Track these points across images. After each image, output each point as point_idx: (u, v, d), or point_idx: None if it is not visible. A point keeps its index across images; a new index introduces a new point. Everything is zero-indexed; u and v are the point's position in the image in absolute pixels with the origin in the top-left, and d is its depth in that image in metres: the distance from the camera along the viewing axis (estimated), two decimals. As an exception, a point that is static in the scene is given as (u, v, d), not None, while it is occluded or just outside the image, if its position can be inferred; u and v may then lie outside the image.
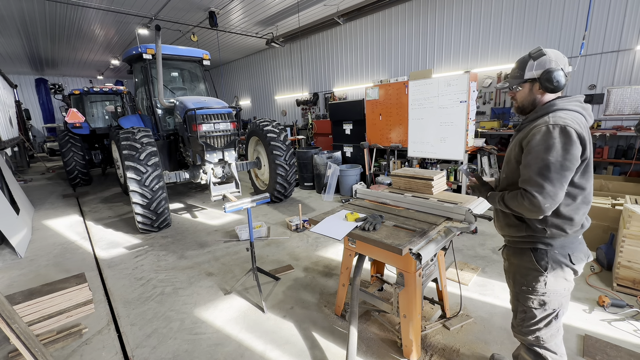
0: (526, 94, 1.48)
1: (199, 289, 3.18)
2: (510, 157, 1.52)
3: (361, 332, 2.43)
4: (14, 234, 4.28)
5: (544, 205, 1.29)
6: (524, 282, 1.52)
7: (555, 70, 1.37)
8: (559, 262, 1.44)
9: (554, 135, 1.28)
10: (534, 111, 1.46)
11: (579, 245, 1.47)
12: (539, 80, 1.41)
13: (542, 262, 1.45)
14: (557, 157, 1.28)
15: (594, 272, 3.10)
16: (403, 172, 2.78)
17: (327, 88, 10.45)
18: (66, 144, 7.55)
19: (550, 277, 1.44)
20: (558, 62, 1.40)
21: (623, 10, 5.12)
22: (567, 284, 1.47)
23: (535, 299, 1.50)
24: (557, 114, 1.35)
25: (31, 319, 2.63)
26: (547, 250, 1.45)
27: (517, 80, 1.48)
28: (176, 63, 6.04)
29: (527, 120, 1.48)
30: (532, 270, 1.48)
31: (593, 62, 5.60)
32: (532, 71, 1.42)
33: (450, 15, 7.04)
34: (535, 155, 1.32)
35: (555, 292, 1.46)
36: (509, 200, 1.42)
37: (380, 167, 6.76)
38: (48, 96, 16.37)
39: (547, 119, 1.35)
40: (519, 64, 1.49)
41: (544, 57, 1.40)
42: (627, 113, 5.42)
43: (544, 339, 1.53)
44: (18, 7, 7.29)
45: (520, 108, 1.54)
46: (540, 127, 1.34)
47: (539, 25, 5.97)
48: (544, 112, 1.41)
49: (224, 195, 5.13)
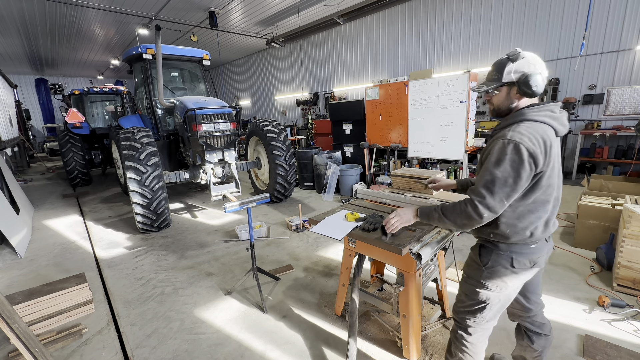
0: (503, 98, 1.46)
1: (199, 289, 3.18)
2: (480, 166, 1.53)
3: (361, 332, 2.43)
4: (14, 234, 4.28)
5: (482, 214, 1.35)
6: (467, 270, 1.64)
7: (534, 74, 1.34)
8: (499, 263, 1.49)
9: (506, 151, 1.30)
10: (507, 118, 1.45)
11: (527, 252, 1.48)
12: (517, 84, 1.39)
13: (484, 258, 1.53)
14: (504, 173, 1.31)
15: (594, 272, 3.10)
16: (403, 172, 2.78)
17: (327, 88, 10.45)
18: (66, 144, 7.55)
19: (486, 273, 1.52)
20: (537, 66, 1.37)
21: (623, 10, 5.12)
22: (502, 284, 1.51)
23: (468, 287, 1.60)
24: (519, 128, 1.34)
25: (31, 319, 2.63)
26: (491, 250, 1.52)
27: (495, 83, 1.44)
28: (176, 63, 6.04)
29: (500, 127, 1.47)
30: (475, 262, 1.58)
31: (593, 62, 5.60)
32: (511, 74, 1.39)
33: (450, 15, 7.04)
34: (486, 167, 1.36)
35: (486, 287, 1.53)
36: (449, 210, 1.47)
37: (380, 167, 6.76)
38: (48, 96, 16.38)
39: (507, 132, 1.35)
40: (496, 66, 1.45)
41: (523, 60, 1.37)
42: (627, 113, 5.42)
43: (468, 323, 1.62)
44: (18, 7, 7.29)
45: (496, 111, 1.52)
46: (498, 139, 1.36)
47: (539, 25, 5.97)
48: (513, 121, 1.40)
49: (224, 195, 5.13)
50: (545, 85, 1.37)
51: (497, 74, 1.43)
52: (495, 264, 1.50)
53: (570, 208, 4.77)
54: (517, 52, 1.40)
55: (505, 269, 1.49)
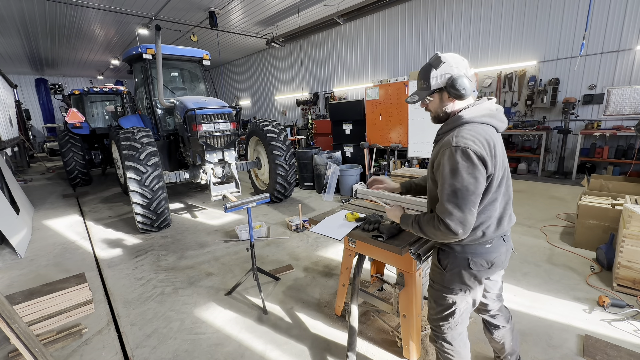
0: (437, 104, 1.46)
1: (199, 289, 3.18)
2: (429, 172, 1.52)
3: (361, 332, 2.43)
4: (14, 234, 4.28)
5: (457, 231, 1.31)
6: (431, 276, 1.65)
7: (458, 76, 1.35)
8: (457, 265, 1.50)
9: (457, 158, 1.29)
10: (447, 122, 1.45)
11: (484, 253, 1.48)
12: (446, 89, 1.39)
13: (443, 261, 1.54)
14: (462, 182, 1.29)
15: (594, 272, 3.10)
16: (403, 172, 2.78)
17: (327, 88, 10.45)
18: (66, 144, 7.55)
19: (448, 276, 1.53)
20: (459, 68, 1.37)
21: (623, 10, 5.12)
22: (465, 286, 1.52)
23: (435, 293, 1.61)
24: (461, 132, 1.34)
25: (31, 319, 2.63)
26: (449, 252, 1.52)
27: (426, 92, 1.44)
28: (176, 63, 6.04)
29: (442, 132, 1.47)
30: (436, 267, 1.60)
31: (593, 62, 5.60)
32: (437, 80, 1.40)
33: (450, 15, 7.04)
34: (444, 180, 1.33)
35: (450, 290, 1.54)
36: (425, 225, 1.44)
37: (380, 167, 6.76)
38: (48, 96, 16.38)
39: (451, 139, 1.34)
40: (422, 74, 1.44)
41: (444, 65, 1.38)
42: (627, 113, 5.42)
43: (443, 329, 1.64)
44: (18, 7, 7.29)
45: (436, 118, 1.51)
46: (444, 150, 1.34)
47: (539, 25, 5.97)
48: (453, 126, 1.40)
49: (224, 195, 5.13)
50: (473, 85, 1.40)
51: (425, 82, 1.43)
52: (454, 267, 1.50)
53: (570, 208, 4.77)
54: (437, 57, 1.39)
55: (464, 270, 1.49)
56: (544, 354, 2.15)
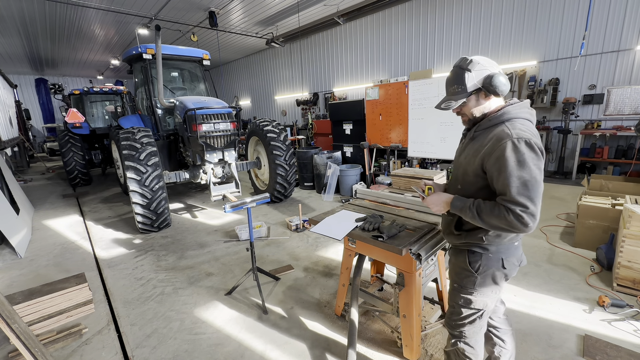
0: (474, 105, 1.45)
1: (199, 289, 3.18)
2: (467, 169, 1.48)
3: (361, 332, 2.43)
4: (14, 234, 4.28)
5: (529, 224, 1.26)
6: (457, 280, 1.59)
7: (495, 74, 1.36)
8: (491, 266, 1.48)
9: (522, 150, 1.27)
10: (487, 119, 1.43)
11: (514, 251, 1.50)
12: (484, 88, 1.39)
13: (475, 264, 1.50)
14: (531, 173, 1.26)
15: (594, 272, 3.10)
16: (403, 172, 2.78)
17: (327, 88, 10.45)
18: (66, 144, 7.56)
19: (480, 279, 1.49)
20: (493, 66, 1.40)
21: (623, 10, 5.12)
22: (496, 287, 1.51)
23: (463, 297, 1.56)
24: (515, 125, 1.34)
25: (31, 319, 2.63)
26: (481, 254, 1.49)
27: (462, 94, 1.43)
28: (176, 63, 6.04)
29: (481, 129, 1.45)
30: (465, 270, 1.54)
31: (593, 62, 5.60)
32: (474, 81, 1.40)
33: (450, 15, 7.04)
34: (509, 172, 1.28)
35: (482, 293, 1.51)
36: (488, 214, 1.34)
37: (380, 167, 6.76)
38: (48, 96, 16.37)
39: (508, 131, 1.32)
40: (455, 79, 1.44)
41: (479, 65, 1.39)
42: (627, 113, 5.42)
43: (466, 334, 1.61)
44: (18, 7, 7.29)
45: (472, 120, 1.50)
46: (504, 141, 1.30)
47: (539, 25, 5.97)
48: (499, 121, 1.39)
49: (224, 195, 5.13)
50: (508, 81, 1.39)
51: (459, 86, 1.43)
52: (487, 269, 1.48)
53: (570, 208, 4.77)
54: (469, 60, 1.41)
55: (497, 271, 1.48)
56: (544, 354, 2.15)
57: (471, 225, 1.50)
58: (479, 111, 1.46)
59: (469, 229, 1.52)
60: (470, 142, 1.49)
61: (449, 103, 1.47)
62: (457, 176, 1.58)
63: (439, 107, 1.53)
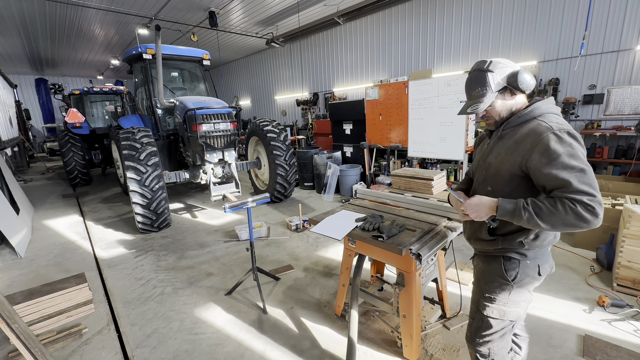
0: (500, 105, 1.39)
1: (199, 289, 3.18)
2: (499, 169, 1.38)
3: (361, 332, 2.43)
4: (14, 234, 4.28)
5: (601, 214, 1.15)
6: (488, 290, 1.46)
7: (519, 71, 1.33)
8: (528, 274, 1.39)
9: (568, 140, 1.20)
10: (516, 116, 1.38)
11: (548, 256, 1.43)
12: (509, 87, 1.35)
13: (512, 272, 1.39)
14: (584, 162, 1.19)
15: (594, 272, 3.10)
16: (403, 172, 2.78)
17: (327, 88, 10.45)
18: (66, 144, 7.56)
19: (516, 288, 1.40)
20: (512, 65, 1.38)
21: (623, 10, 5.12)
22: (529, 295, 1.44)
23: (496, 309, 1.44)
24: (551, 119, 1.29)
25: (31, 319, 2.63)
26: (519, 261, 1.39)
27: (489, 96, 1.36)
28: (176, 63, 6.04)
29: (510, 126, 1.39)
30: (499, 278, 1.42)
31: (593, 62, 5.60)
32: (498, 81, 1.36)
33: (450, 15, 7.04)
34: (564, 163, 1.17)
35: (516, 304, 1.42)
36: (549, 213, 1.18)
37: (380, 167, 6.76)
38: (48, 96, 16.36)
39: (545, 124, 1.26)
40: (477, 82, 1.38)
41: (500, 64, 1.36)
42: (627, 113, 5.42)
43: (494, 351, 1.49)
44: (18, 7, 7.29)
45: (499, 122, 1.43)
46: (545, 135, 1.22)
47: (539, 25, 5.97)
48: (530, 117, 1.34)
49: (224, 195, 5.13)
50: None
51: (482, 89, 1.37)
52: (524, 277, 1.38)
53: (570, 208, 4.76)
54: (488, 62, 1.37)
55: (532, 279, 1.39)
56: (544, 354, 2.15)
57: (508, 228, 1.39)
58: (507, 110, 1.40)
59: (506, 232, 1.41)
60: (499, 141, 1.42)
61: (475, 106, 1.38)
62: (485, 177, 1.47)
63: (463, 113, 1.44)
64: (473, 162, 1.71)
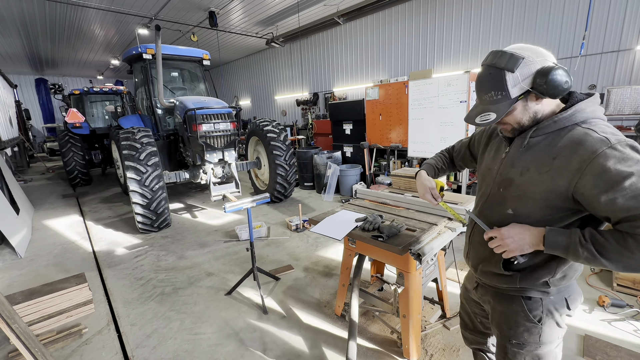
0: (521, 113, 1.08)
1: (199, 289, 3.18)
2: (527, 191, 1.09)
3: (361, 332, 2.43)
4: (14, 234, 4.28)
5: None
6: (513, 335, 1.23)
7: (549, 68, 0.97)
8: (556, 310, 1.18)
9: (633, 156, 0.91)
10: (551, 121, 1.06)
11: (575, 287, 1.23)
12: (535, 90, 1.01)
13: (536, 311, 1.18)
14: None
15: (594, 272, 3.10)
16: (403, 172, 2.78)
17: (327, 88, 10.45)
18: (66, 144, 7.56)
19: (546, 329, 1.18)
20: (545, 58, 1.02)
21: (623, 10, 5.12)
22: (562, 331, 1.23)
23: (528, 355, 1.23)
24: (600, 126, 1.00)
25: (31, 319, 2.63)
26: (542, 299, 1.18)
27: (505, 102, 1.04)
28: (176, 63, 6.04)
29: (541, 133, 1.07)
30: (524, 321, 1.20)
31: (593, 62, 5.60)
32: (520, 84, 1.02)
33: (450, 15, 7.04)
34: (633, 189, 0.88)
35: (551, 344, 1.21)
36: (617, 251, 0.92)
37: (380, 167, 6.76)
38: (48, 96, 16.36)
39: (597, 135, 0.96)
40: (491, 83, 1.05)
41: (524, 60, 1.00)
42: (627, 113, 5.42)
43: None
44: (18, 7, 7.29)
45: (518, 129, 1.12)
46: (601, 151, 0.93)
47: (539, 25, 5.97)
48: (572, 122, 1.03)
49: (224, 195, 5.13)
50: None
51: (499, 93, 1.04)
52: (551, 314, 1.18)
53: (570, 208, 4.76)
54: (509, 55, 1.02)
55: (561, 315, 1.19)
56: (544, 354, 2.15)
57: (529, 263, 1.15)
58: (530, 118, 1.08)
59: (525, 267, 1.17)
60: (526, 152, 1.11)
61: (486, 116, 1.06)
62: (504, 197, 1.17)
63: (471, 122, 1.13)
64: (461, 145, 1.56)
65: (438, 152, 1.71)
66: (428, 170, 1.60)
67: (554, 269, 1.13)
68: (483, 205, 1.28)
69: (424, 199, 1.49)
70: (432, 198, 1.49)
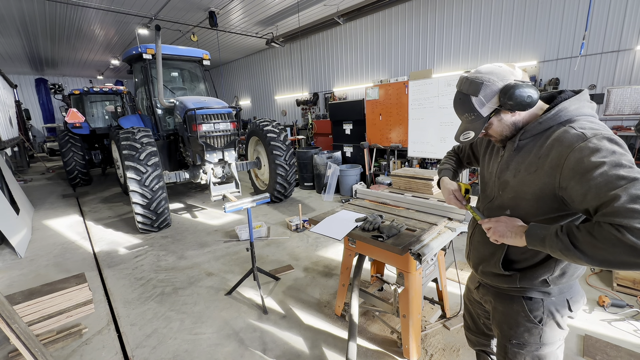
0: (499, 126, 1.16)
1: (199, 289, 3.18)
2: (520, 191, 1.13)
3: (361, 332, 2.43)
4: (14, 234, 4.28)
5: None
6: (513, 335, 1.25)
7: (511, 86, 1.04)
8: (557, 311, 1.19)
9: (609, 147, 0.92)
10: (537, 123, 1.09)
11: (578, 288, 1.23)
12: (503, 108, 1.09)
13: (536, 312, 1.20)
14: (633, 173, 0.88)
15: (593, 272, 3.10)
16: (403, 172, 2.78)
17: (327, 88, 10.45)
18: (66, 144, 7.55)
19: (547, 329, 1.20)
20: (504, 75, 1.08)
21: (623, 10, 5.12)
22: (564, 332, 1.23)
23: (528, 355, 1.24)
24: (582, 124, 1.01)
25: (31, 319, 2.63)
26: (542, 299, 1.19)
27: (479, 121, 1.13)
28: (176, 63, 6.04)
29: (528, 135, 1.12)
30: (525, 321, 1.22)
31: (593, 62, 5.60)
32: (487, 105, 1.10)
33: (450, 15, 7.04)
34: (606, 176, 0.88)
35: (552, 345, 1.22)
36: (591, 243, 0.89)
37: (380, 167, 6.76)
38: (48, 96, 16.36)
39: (575, 131, 0.99)
40: (462, 107, 1.15)
41: (484, 85, 1.08)
42: (627, 113, 5.42)
43: None
44: (18, 7, 7.29)
45: (503, 140, 1.20)
46: (576, 145, 0.95)
47: (539, 25, 5.97)
48: (555, 122, 1.06)
49: (224, 195, 5.13)
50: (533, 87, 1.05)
51: (471, 114, 1.14)
52: (552, 315, 1.19)
53: (570, 208, 4.76)
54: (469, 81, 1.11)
55: (562, 316, 1.20)
56: (544, 354, 2.15)
57: (528, 262, 1.18)
58: (509, 129, 1.15)
59: (525, 267, 1.19)
60: (517, 155, 1.16)
61: (467, 134, 1.17)
62: (502, 200, 1.21)
63: (457, 140, 1.23)
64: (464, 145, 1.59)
65: (446, 155, 1.75)
66: (448, 175, 1.61)
67: (553, 267, 1.14)
68: (485, 207, 1.33)
69: (450, 203, 1.50)
70: (457, 201, 1.47)
